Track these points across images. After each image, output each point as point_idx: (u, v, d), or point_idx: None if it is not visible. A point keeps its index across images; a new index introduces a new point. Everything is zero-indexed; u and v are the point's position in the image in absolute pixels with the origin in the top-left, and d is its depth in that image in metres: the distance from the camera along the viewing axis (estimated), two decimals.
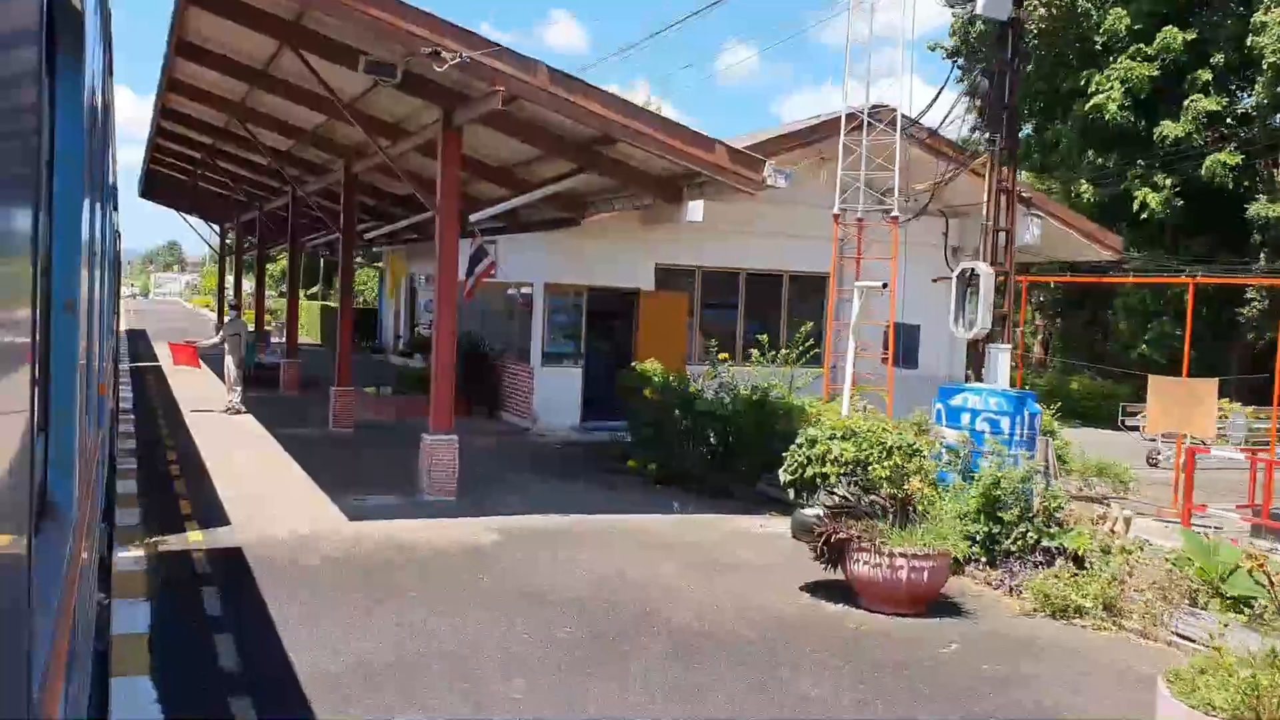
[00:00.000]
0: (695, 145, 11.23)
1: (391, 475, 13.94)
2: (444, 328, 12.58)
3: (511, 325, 20.63)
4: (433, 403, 12.68)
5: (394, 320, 37.78)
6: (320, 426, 18.37)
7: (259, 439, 16.86)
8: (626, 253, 19.44)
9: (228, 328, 19.64)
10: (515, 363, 20.08)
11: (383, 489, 13.01)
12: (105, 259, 4.90)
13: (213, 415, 19.35)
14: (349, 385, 18.14)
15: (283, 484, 13.21)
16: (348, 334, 18.33)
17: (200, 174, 27.25)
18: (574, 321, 19.47)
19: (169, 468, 14.10)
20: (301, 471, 13.99)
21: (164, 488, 12.74)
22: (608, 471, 15.05)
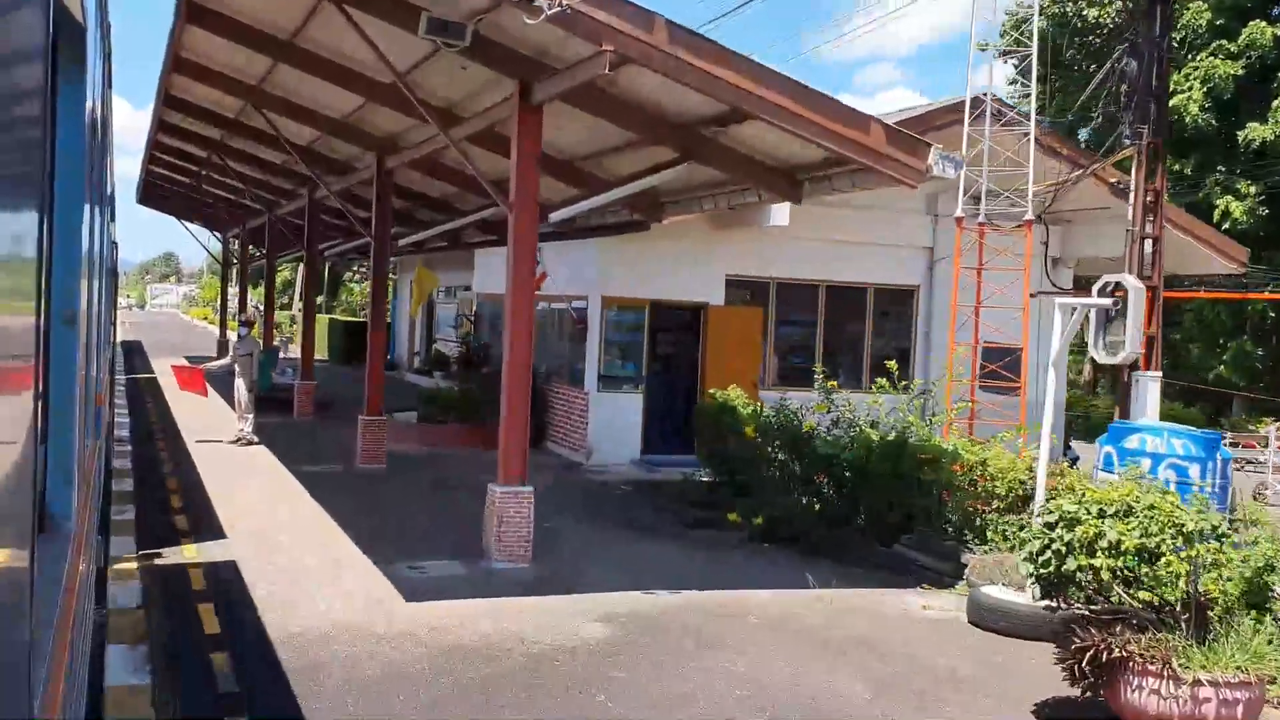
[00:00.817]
0: (847, 124, 8.86)
1: (444, 529, 11.56)
2: (516, 356, 10.22)
3: (560, 344, 18.23)
4: (502, 449, 10.30)
5: (409, 334, 35.38)
6: (346, 461, 15.94)
7: (278, 478, 14.43)
8: (694, 262, 17.08)
9: (238, 347, 17.23)
10: (565, 387, 17.67)
11: (439, 551, 10.60)
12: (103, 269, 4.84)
13: (221, 446, 16.92)
14: (379, 414, 15.72)
15: (314, 543, 10.79)
16: (379, 354, 15.92)
17: (205, 175, 24.86)
18: (634, 340, 17.08)
19: (173, 517, 11.67)
20: (334, 524, 11.56)
21: (169, 541, 10.31)
22: (697, 524, 12.63)
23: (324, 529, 11.38)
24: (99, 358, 4.90)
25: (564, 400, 17.61)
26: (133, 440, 17.39)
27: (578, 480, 15.46)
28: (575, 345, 17.50)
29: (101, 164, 4.00)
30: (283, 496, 13.13)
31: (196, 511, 11.85)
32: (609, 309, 16.81)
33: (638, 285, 16.83)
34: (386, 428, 15.74)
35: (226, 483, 13.78)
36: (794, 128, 8.77)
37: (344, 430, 19.42)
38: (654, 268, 16.86)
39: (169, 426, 19.14)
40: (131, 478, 13.98)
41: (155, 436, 18.00)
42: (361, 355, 37.86)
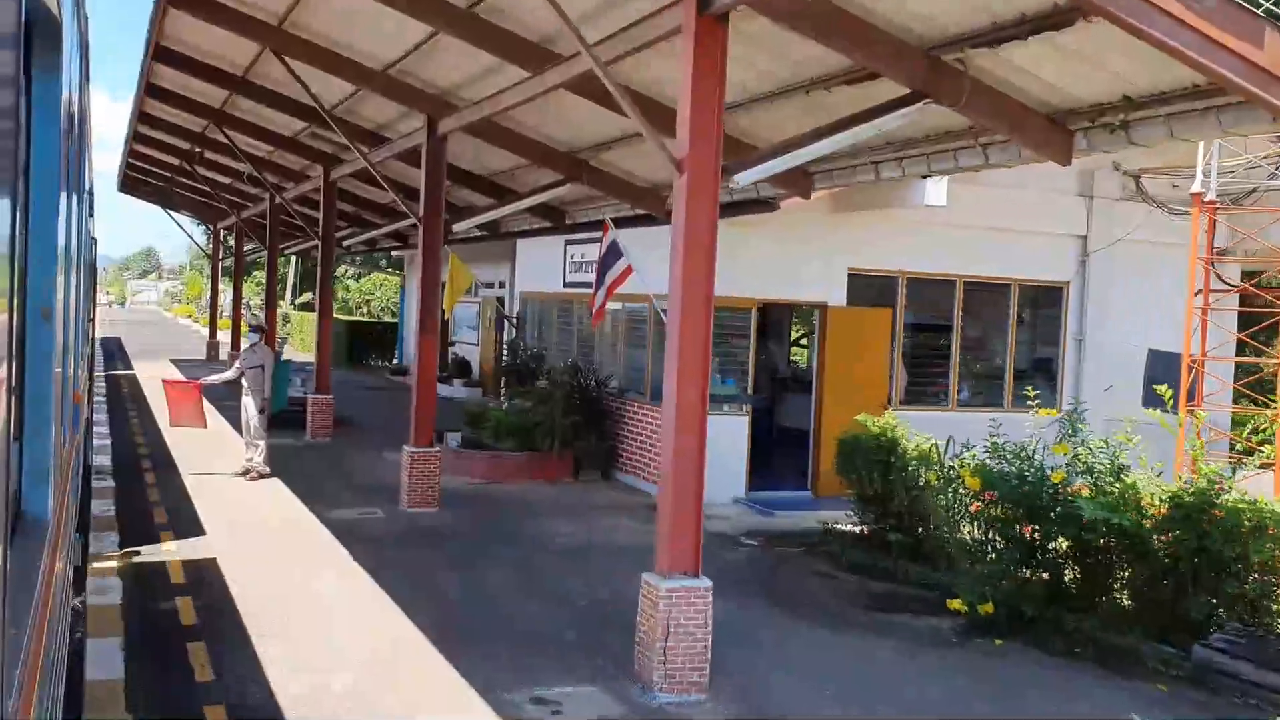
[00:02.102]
0: (1238, 33, 5.66)
1: (563, 623, 8.32)
2: (689, 386, 7.03)
3: (637, 353, 14.98)
4: (668, 523, 7.10)
5: None
6: (387, 501, 12.66)
7: (305, 532, 11.14)
8: (810, 253, 13.89)
9: (246, 358, 13.91)
10: (646, 406, 14.42)
11: (568, 667, 7.34)
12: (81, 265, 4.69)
13: (225, 481, 13.61)
14: (430, 444, 12.42)
15: (374, 645, 7.53)
16: (431, 367, 12.62)
17: (197, 154, 21.45)
18: (738, 350, 13.85)
19: (175, 618, 8.38)
20: (402, 616, 8.30)
21: (169, 649, 7.06)
22: (878, 602, 9.42)
23: (388, 622, 8.11)
24: (77, 354, 4.75)
25: (643, 422, 14.37)
26: (115, 472, 14.04)
27: None
28: (657, 354, 14.23)
29: (79, 158, 3.91)
30: (318, 563, 9.84)
31: (210, 601, 8.54)
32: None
33: (743, 281, 13.60)
34: (440, 463, 12.44)
35: (240, 542, 10.49)
36: (1165, 34, 5.56)
37: (372, 455, 16.16)
38: (763, 260, 13.64)
39: (158, 451, 15.78)
40: (115, 529, 10.68)
41: (141, 466, 14.65)
42: (364, 358, 34.52)
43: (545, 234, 17.41)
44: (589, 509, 13.00)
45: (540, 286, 18.22)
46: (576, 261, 16.56)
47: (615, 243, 13.04)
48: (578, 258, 16.53)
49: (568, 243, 16.84)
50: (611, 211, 14.76)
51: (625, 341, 15.15)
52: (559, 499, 13.56)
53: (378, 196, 20.78)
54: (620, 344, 15.23)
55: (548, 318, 18.15)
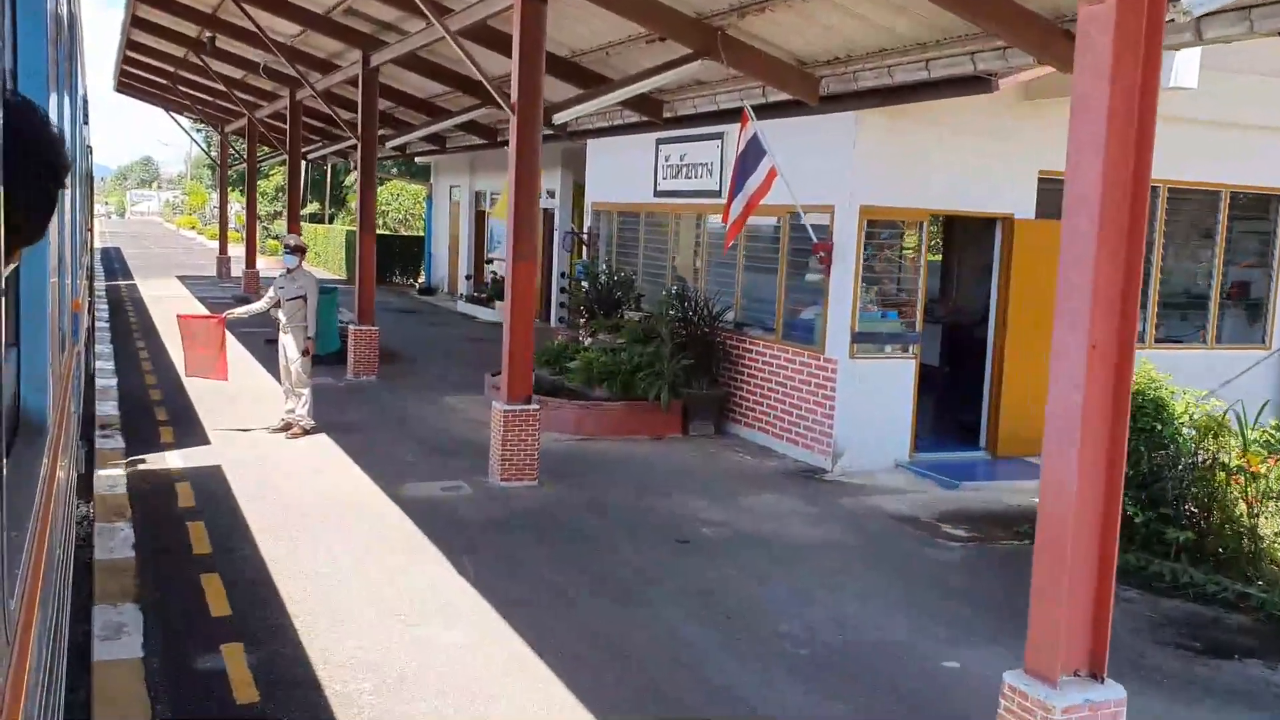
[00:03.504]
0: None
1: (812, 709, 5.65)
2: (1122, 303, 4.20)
3: (765, 281, 12.12)
4: (1056, 620, 4.27)
5: (450, 253, 29.14)
6: (471, 471, 9.97)
7: (376, 521, 8.45)
8: (988, 154, 10.96)
9: (284, 285, 11.10)
10: (781, 346, 11.63)
11: None
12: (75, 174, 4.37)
13: (260, 441, 10.94)
14: (527, 399, 9.66)
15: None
16: (527, 300, 9.75)
17: (207, 41, 18.29)
18: (903, 276, 11.00)
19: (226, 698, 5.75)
20: (549, 677, 5.64)
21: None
22: (1198, 635, 6.77)
23: (553, 709, 5.45)
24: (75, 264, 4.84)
25: (772, 365, 11.59)
26: (124, 425, 11.35)
27: (846, 511, 9.54)
28: (804, 284, 11.42)
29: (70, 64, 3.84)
30: (410, 584, 7.16)
31: (274, 672, 5.87)
32: (871, 227, 10.69)
33: (909, 188, 10.72)
34: (538, 421, 9.69)
35: (299, 540, 7.82)
36: None
37: (431, 399, 13.47)
38: (936, 162, 10.73)
39: (175, 396, 13.08)
40: (131, 525, 8.02)
41: (156, 417, 11.95)
42: (386, 275, 31.45)
43: (629, 132, 14.41)
44: (721, 478, 10.32)
45: (619, 197, 15.28)
46: (673, 164, 13.61)
47: (757, 137, 10.13)
48: (674, 159, 13.57)
49: (660, 142, 13.86)
50: (729, 99, 11.79)
51: (744, 264, 12.28)
52: (677, 463, 10.88)
53: (421, 89, 17.69)
54: (737, 268, 12.37)
55: (629, 234, 15.26)
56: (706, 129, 12.72)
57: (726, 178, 12.38)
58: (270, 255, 36.77)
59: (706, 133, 12.74)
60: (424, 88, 17.66)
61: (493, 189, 26.06)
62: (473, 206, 27.31)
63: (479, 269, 26.97)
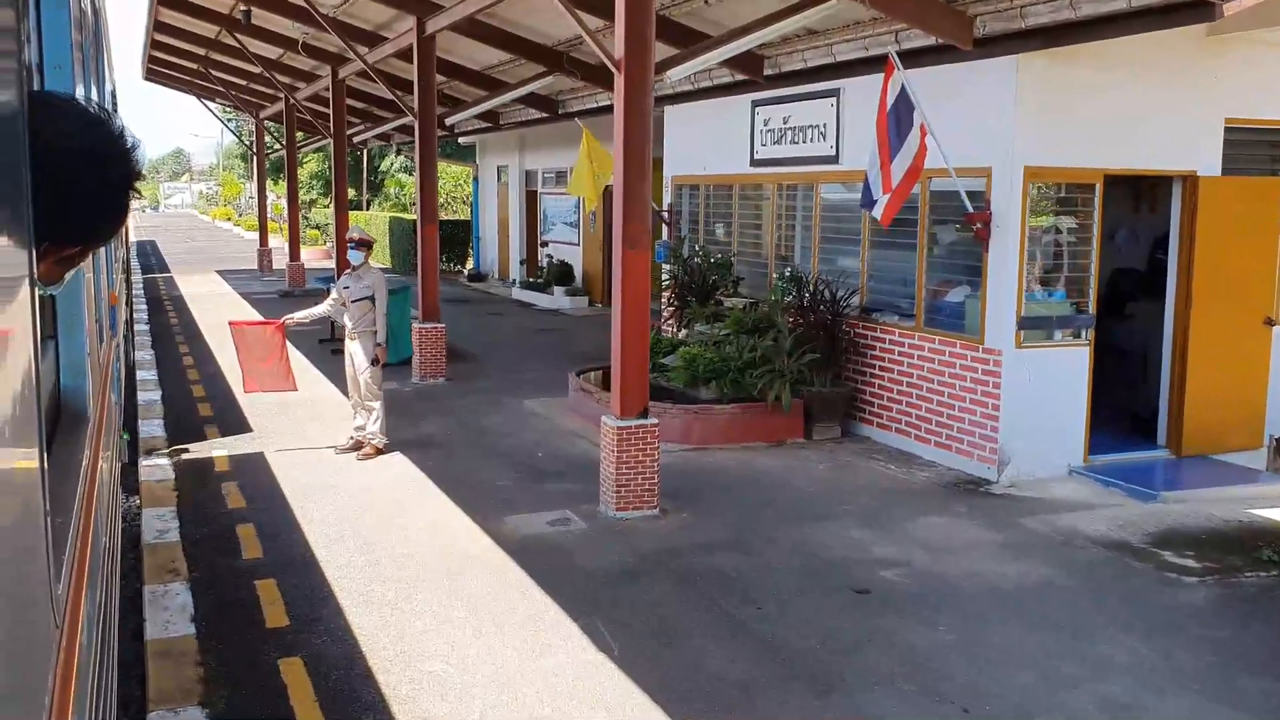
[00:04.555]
0: None
1: None
2: None
3: (889, 255, 10.48)
4: None
5: (500, 235, 27.63)
6: (577, 497, 8.47)
7: (477, 570, 6.95)
8: (1165, 102, 9.23)
9: (350, 285, 9.62)
10: (911, 334, 10.01)
11: None
12: None
13: (327, 463, 9.50)
14: (644, 411, 8.10)
15: None
16: (642, 293, 8.15)
17: (243, 20, 16.81)
18: (1073, 248, 9.32)
19: None
20: None
21: None
22: None
23: None
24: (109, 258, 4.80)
25: (918, 358, 9.97)
26: (171, 442, 9.97)
27: (1038, 537, 7.93)
28: (953, 260, 9.78)
29: (96, 57, 3.83)
30: (543, 664, 5.66)
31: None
32: (1036, 191, 9.01)
33: (1081, 146, 9.04)
34: (658, 440, 8.15)
35: (383, 602, 6.36)
36: None
37: (510, 405, 11.98)
38: (1106, 113, 9.02)
39: (226, 408, 11.69)
40: (188, 586, 6.61)
41: (205, 433, 10.56)
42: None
43: (717, 95, 12.77)
44: (869, 495, 8.74)
45: (705, 168, 13.65)
46: (774, 129, 11.96)
47: (905, 89, 8.46)
48: (776, 123, 11.93)
49: (758, 104, 12.21)
50: (849, 49, 10.14)
51: (871, 240, 10.64)
52: (811, 477, 9.32)
53: (475, 60, 16.11)
54: (862, 244, 10.72)
55: (718, 210, 13.64)
56: (817, 85, 11.06)
57: (844, 140, 10.78)
58: (310, 245, 35.48)
59: (817, 89, 11.08)
60: (478, 58, 16.10)
61: (545, 167, 24.51)
62: (523, 186, 25.76)
63: (532, 253, 25.45)
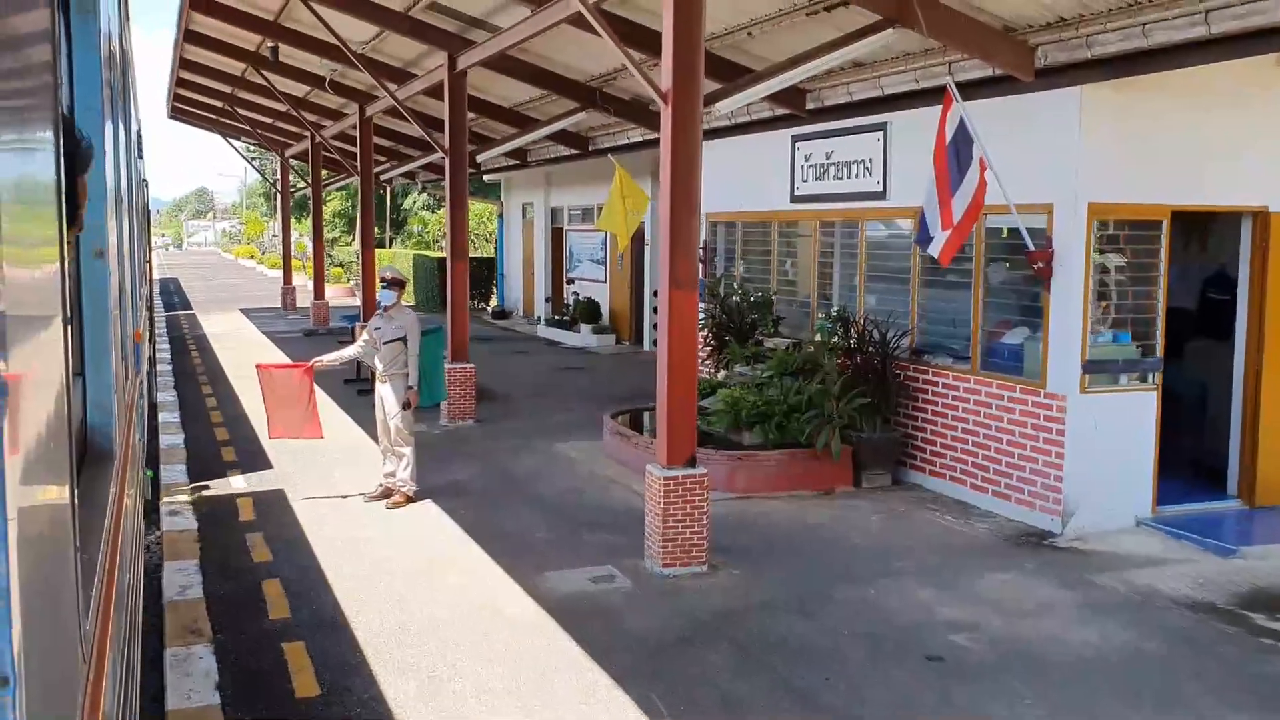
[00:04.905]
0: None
1: None
2: None
3: (942, 294, 10.05)
4: None
5: (524, 273, 27.35)
6: (620, 551, 8.01)
7: (518, 633, 6.50)
8: (1232, 134, 8.80)
9: (381, 326, 9.27)
10: (965, 377, 9.54)
11: None
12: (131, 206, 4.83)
13: (354, 511, 9.10)
14: (692, 460, 7.65)
15: None
16: (690, 334, 7.71)
17: (267, 53, 16.65)
18: (1138, 289, 8.86)
19: None
20: None
21: None
22: None
23: None
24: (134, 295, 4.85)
25: (974, 403, 9.50)
26: (192, 484, 9.58)
27: (1115, 596, 7.43)
28: (1010, 300, 9.34)
29: (123, 99, 3.94)
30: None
31: None
32: (1102, 229, 8.57)
33: (1147, 180, 8.61)
34: (708, 491, 7.69)
35: (419, 670, 5.91)
36: None
37: (542, 449, 11.55)
38: (1170, 145, 8.60)
39: (250, 452, 11.32)
40: (211, 649, 6.18)
41: (229, 478, 10.17)
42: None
43: (755, 130, 12.43)
44: (930, 550, 8.24)
45: (741, 205, 13.28)
46: (816, 164, 11.59)
47: (964, 123, 8.06)
48: (818, 158, 11.56)
49: (798, 139, 11.85)
50: (898, 81, 9.78)
51: (922, 278, 10.21)
52: (865, 529, 8.83)
53: (505, 97, 15.85)
54: (912, 283, 10.29)
55: (755, 248, 13.25)
56: (862, 119, 10.69)
57: (891, 175, 10.38)
58: (333, 283, 35.31)
59: (863, 123, 10.71)
60: (508, 95, 15.85)
61: (572, 204, 24.25)
62: (549, 223, 25.50)
63: (558, 290, 25.14)
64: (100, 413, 2.75)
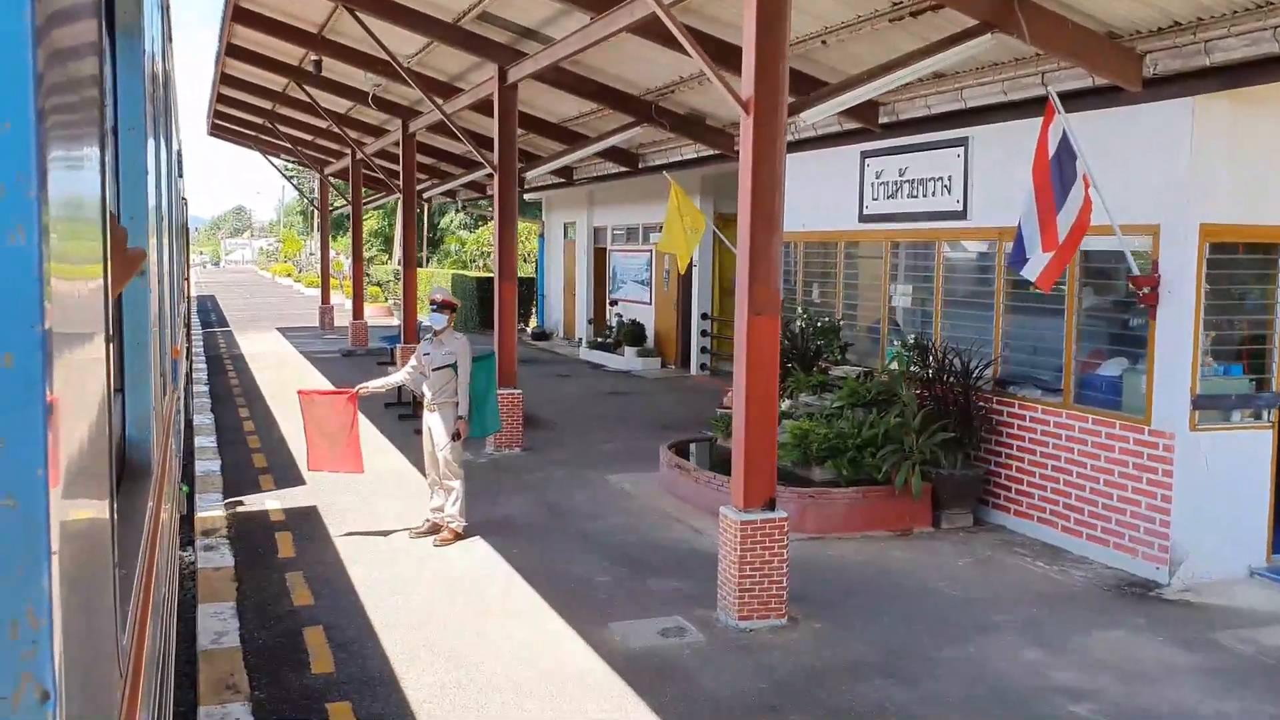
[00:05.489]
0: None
1: None
2: None
3: (1030, 321, 9.36)
4: None
5: (566, 293, 26.83)
6: (689, 598, 7.37)
7: (585, 697, 5.87)
8: None
9: (430, 352, 8.67)
10: (1059, 411, 8.82)
11: None
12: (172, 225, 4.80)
13: (401, 547, 8.50)
14: (771, 502, 6.99)
15: None
16: (770, 364, 7.03)
17: (314, 70, 16.25)
18: (1254, 317, 8.13)
19: None
20: None
21: None
22: None
23: None
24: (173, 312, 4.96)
25: (1067, 439, 8.78)
26: (228, 516, 9.04)
27: (1244, 659, 6.68)
28: (1108, 328, 8.64)
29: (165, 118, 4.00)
30: None
31: None
32: (1215, 252, 7.86)
33: (1267, 199, 7.90)
34: (787, 534, 7.03)
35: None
36: None
37: (595, 481, 10.94)
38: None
39: (289, 478, 10.79)
40: (249, 707, 5.60)
41: (267, 510, 9.62)
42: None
43: (818, 146, 11.81)
44: (1026, 602, 7.53)
45: (803, 224, 12.61)
46: (888, 181, 10.95)
47: (1067, 136, 7.40)
48: (890, 175, 10.92)
49: (868, 155, 11.22)
50: (982, 93, 9.13)
51: (1006, 304, 9.51)
52: (952, 576, 8.13)
53: (553, 112, 15.34)
54: (996, 309, 9.60)
55: (818, 270, 12.60)
56: (941, 134, 10.05)
57: (973, 193, 9.72)
58: (371, 303, 35.00)
59: (941, 138, 10.07)
60: (557, 110, 15.33)
61: (616, 223, 23.71)
62: (591, 243, 24.97)
63: (600, 311, 24.58)
64: (139, 428, 2.79)
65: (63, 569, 0.98)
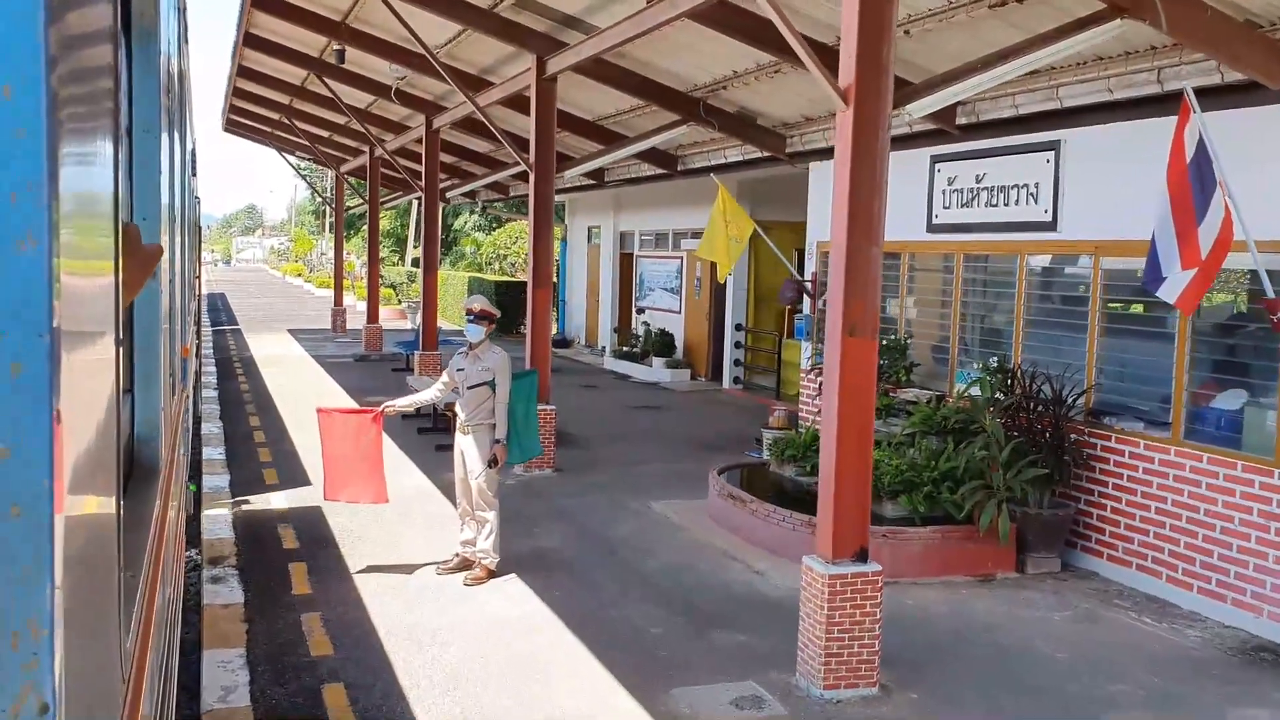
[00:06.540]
0: None
1: None
2: None
3: (1128, 345, 8.41)
4: None
5: (589, 300, 25.92)
6: (765, 659, 6.43)
7: None
8: None
9: (465, 368, 7.74)
10: (1171, 447, 7.87)
11: None
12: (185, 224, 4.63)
13: (428, 585, 7.58)
14: (861, 555, 6.05)
15: None
16: (866, 390, 6.09)
17: (338, 58, 15.37)
18: None
19: None
20: None
21: None
22: None
23: None
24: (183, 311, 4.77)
25: (1175, 479, 7.82)
26: (240, 551, 8.14)
27: None
28: (1227, 356, 7.69)
29: (179, 117, 3.94)
30: None
31: None
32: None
33: None
34: (881, 590, 6.10)
35: None
36: None
37: (637, 508, 9.99)
38: None
39: (303, 499, 9.88)
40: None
41: (283, 546, 8.72)
42: (514, 326, 28.15)
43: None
44: (1137, 668, 6.58)
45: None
46: (961, 189, 10.03)
47: (1203, 140, 6.46)
48: (964, 182, 10.00)
49: (938, 160, 10.30)
50: (1082, 92, 8.20)
51: (1102, 325, 8.57)
52: (1048, 633, 7.18)
53: (591, 110, 14.44)
54: (1089, 330, 8.65)
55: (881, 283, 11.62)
56: (1026, 137, 9.12)
57: (1064, 202, 8.80)
58: (384, 305, 34.14)
59: (1028, 142, 9.14)
60: (593, 107, 14.43)
61: (644, 228, 22.80)
62: (617, 248, 24.07)
63: (625, 319, 23.67)
64: (147, 428, 2.79)
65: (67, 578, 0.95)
